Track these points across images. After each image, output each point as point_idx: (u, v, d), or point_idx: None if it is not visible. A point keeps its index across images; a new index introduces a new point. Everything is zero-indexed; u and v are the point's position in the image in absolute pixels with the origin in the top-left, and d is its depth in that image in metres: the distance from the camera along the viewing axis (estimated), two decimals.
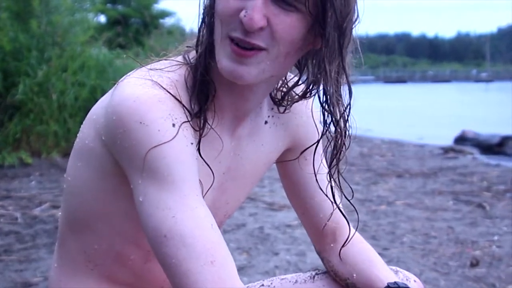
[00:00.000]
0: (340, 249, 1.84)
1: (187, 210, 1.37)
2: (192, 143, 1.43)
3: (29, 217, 6.10)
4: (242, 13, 1.39)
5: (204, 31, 1.51)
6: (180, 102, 1.45)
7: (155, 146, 1.37)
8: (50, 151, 9.49)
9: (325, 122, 1.58)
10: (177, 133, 1.39)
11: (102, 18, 23.69)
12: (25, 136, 9.50)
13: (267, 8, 1.40)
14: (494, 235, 5.76)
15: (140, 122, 1.38)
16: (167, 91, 1.44)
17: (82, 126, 1.60)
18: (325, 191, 1.74)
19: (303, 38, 1.46)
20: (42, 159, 9.33)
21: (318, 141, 1.71)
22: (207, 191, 1.55)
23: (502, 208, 6.91)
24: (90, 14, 14.36)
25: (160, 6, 25.41)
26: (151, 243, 1.40)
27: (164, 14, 25.25)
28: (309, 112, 1.81)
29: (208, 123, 1.54)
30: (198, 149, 1.49)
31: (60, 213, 1.72)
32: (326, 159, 1.66)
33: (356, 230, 1.87)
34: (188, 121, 1.45)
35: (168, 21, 24.92)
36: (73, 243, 1.67)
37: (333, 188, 1.73)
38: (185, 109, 1.46)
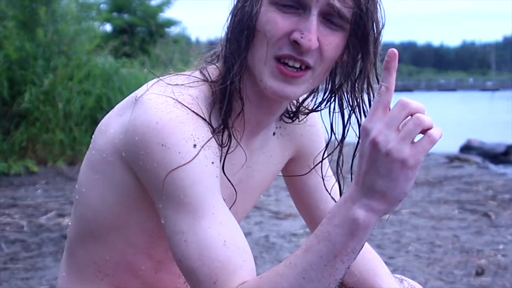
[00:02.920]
0: None
1: (199, 232, 1.38)
2: (213, 162, 1.43)
3: (35, 226, 6.11)
4: (297, 35, 1.42)
5: (233, 47, 1.50)
6: (204, 119, 1.46)
7: (174, 169, 1.38)
8: (56, 159, 9.51)
9: (332, 130, 1.63)
10: (198, 153, 1.40)
11: (108, 27, 23.71)
12: (31, 144, 9.51)
13: (318, 29, 1.44)
14: (500, 244, 5.75)
15: (162, 145, 1.39)
16: (190, 109, 1.44)
17: (94, 137, 1.60)
18: (330, 199, 1.77)
19: (339, 55, 1.52)
20: (48, 168, 9.34)
21: (324, 151, 1.73)
22: (230, 207, 1.55)
23: (508, 217, 6.89)
24: (96, 23, 14.41)
25: (166, 15, 25.37)
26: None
27: (170, 23, 25.24)
28: (314, 122, 1.83)
29: (236, 139, 1.55)
30: (223, 166, 1.50)
31: (70, 223, 1.72)
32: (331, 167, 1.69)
33: None
34: (213, 137, 1.45)
35: (173, 30, 24.92)
36: (83, 253, 1.67)
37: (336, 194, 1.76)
38: (209, 126, 1.46)
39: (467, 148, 14.70)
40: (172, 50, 15.90)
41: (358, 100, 1.57)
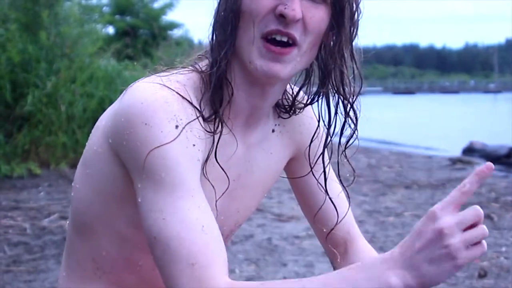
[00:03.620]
0: (344, 259, 1.86)
1: (178, 212, 1.38)
2: (194, 145, 1.44)
3: (38, 228, 6.12)
4: (281, 7, 1.45)
5: (219, 35, 1.52)
6: (190, 102, 1.48)
7: (155, 148, 1.39)
8: (58, 162, 9.52)
9: (329, 124, 1.64)
10: (179, 134, 1.41)
11: (111, 30, 23.77)
12: (34, 147, 9.53)
13: (301, 2, 1.48)
14: (502, 246, 5.76)
15: (145, 124, 1.40)
16: (176, 91, 1.47)
17: (90, 135, 1.63)
18: (332, 200, 1.78)
19: (325, 30, 1.54)
20: (50, 170, 9.36)
21: (322, 153, 1.74)
22: (221, 196, 1.57)
23: (510, 219, 6.90)
24: (99, 25, 14.44)
25: (168, 17, 25.42)
26: (147, 244, 1.43)
27: (173, 25, 25.29)
28: (311, 119, 1.83)
29: (226, 126, 1.56)
30: (215, 153, 1.51)
31: (68, 222, 1.73)
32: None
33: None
34: (197, 119, 1.47)
35: (176, 33, 24.99)
36: (81, 250, 1.67)
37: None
38: (196, 111, 1.48)
39: (469, 150, 14.70)
40: (175, 52, 15.90)
41: (335, 72, 1.59)
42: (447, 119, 29.16)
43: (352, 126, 1.63)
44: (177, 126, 1.42)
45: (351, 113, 1.62)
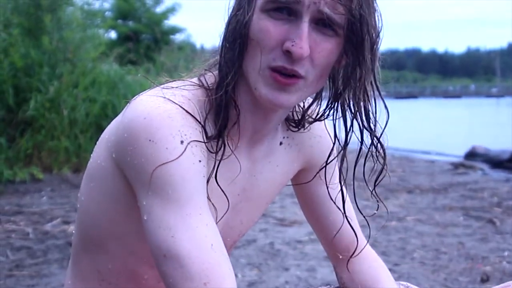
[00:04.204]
0: (347, 263, 1.86)
1: (188, 230, 1.37)
2: (200, 161, 1.42)
3: (41, 233, 6.12)
4: (289, 43, 1.41)
5: (227, 55, 1.49)
6: (193, 117, 1.45)
7: (161, 164, 1.37)
8: (61, 166, 9.52)
9: (340, 139, 1.62)
10: (185, 150, 1.39)
11: (113, 34, 23.80)
12: (37, 151, 9.53)
13: (310, 36, 1.43)
14: (505, 251, 5.75)
15: (150, 140, 1.38)
16: (180, 106, 1.44)
17: (95, 147, 1.61)
18: (338, 209, 1.78)
19: (336, 60, 1.51)
20: (53, 175, 9.36)
21: (327, 161, 1.74)
22: (223, 215, 1.56)
23: None
24: (101, 30, 14.46)
25: (170, 22, 25.48)
26: (154, 261, 1.41)
27: (175, 30, 25.33)
28: (322, 132, 1.82)
29: (230, 147, 1.55)
30: (216, 174, 1.49)
31: (74, 232, 1.73)
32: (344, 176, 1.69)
33: (367, 242, 1.89)
34: (202, 141, 1.45)
35: (178, 37, 25.03)
36: (86, 262, 1.67)
37: (345, 205, 1.77)
38: (199, 125, 1.46)
39: (472, 154, 14.67)
40: (177, 57, 15.93)
41: (359, 106, 1.55)
42: (449, 124, 29.11)
43: (381, 160, 1.61)
44: (182, 142, 1.40)
45: (379, 147, 1.60)
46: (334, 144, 1.66)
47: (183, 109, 1.44)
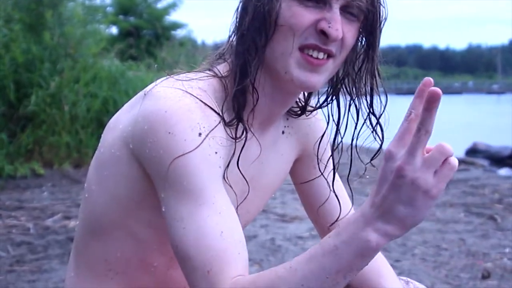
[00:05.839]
0: None
1: (198, 220, 1.39)
2: (216, 152, 1.45)
3: (41, 228, 6.12)
4: (325, 24, 1.48)
5: (248, 43, 1.53)
6: (212, 109, 1.49)
7: (179, 156, 1.40)
8: (62, 162, 9.51)
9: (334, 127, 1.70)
10: (202, 142, 1.42)
11: (114, 30, 23.78)
12: (38, 147, 9.52)
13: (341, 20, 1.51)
14: (506, 247, 5.75)
15: (169, 132, 1.41)
16: (198, 99, 1.47)
17: (103, 136, 1.63)
18: (335, 200, 1.79)
19: None
20: (54, 170, 9.35)
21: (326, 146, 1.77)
22: (242, 201, 1.60)
23: None
24: (102, 25, 14.44)
25: (172, 18, 25.46)
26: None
27: (176, 25, 25.32)
28: (315, 119, 1.85)
29: (251, 132, 1.58)
30: (238, 160, 1.53)
31: (78, 223, 1.73)
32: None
33: None
34: (218, 126, 1.48)
35: (179, 33, 25.03)
36: (93, 251, 1.68)
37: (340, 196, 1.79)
38: (217, 116, 1.49)
39: (473, 151, 14.69)
40: (178, 53, 15.93)
41: (365, 89, 1.64)
42: (450, 120, 29.09)
43: (380, 138, 1.67)
44: (200, 134, 1.43)
45: (378, 129, 1.66)
46: (336, 134, 1.71)
47: (202, 101, 1.48)
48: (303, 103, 1.78)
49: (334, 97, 1.69)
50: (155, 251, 1.64)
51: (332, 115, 1.70)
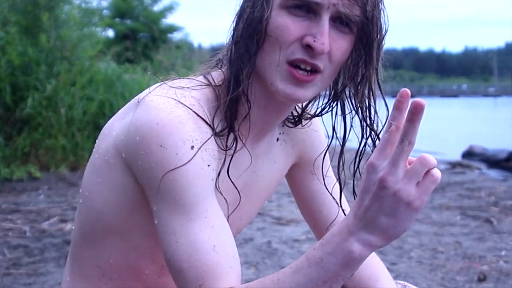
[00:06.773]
0: None
1: (190, 234, 1.39)
2: (209, 165, 1.44)
3: (38, 231, 6.11)
4: (310, 39, 1.44)
5: (241, 51, 1.51)
6: (204, 121, 1.47)
7: (170, 170, 1.39)
8: (58, 165, 9.52)
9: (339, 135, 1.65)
10: (194, 155, 1.41)
11: (111, 33, 23.78)
12: (34, 150, 9.52)
13: (329, 33, 1.46)
14: (502, 250, 5.76)
15: (161, 146, 1.40)
16: (191, 109, 1.46)
17: (98, 141, 1.61)
18: (332, 204, 1.79)
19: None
20: (50, 173, 9.35)
21: (324, 155, 1.76)
22: (233, 211, 1.59)
23: (510, 223, 6.89)
24: (99, 28, 14.42)
25: (168, 21, 25.45)
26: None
27: (172, 28, 25.30)
28: (315, 127, 1.85)
29: (242, 142, 1.57)
30: (228, 169, 1.52)
31: (73, 228, 1.73)
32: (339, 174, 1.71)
33: None
34: (211, 138, 1.46)
35: (176, 36, 25.00)
36: (87, 257, 1.67)
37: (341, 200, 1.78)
38: (209, 128, 1.48)
39: (469, 154, 14.69)
40: (175, 56, 15.95)
41: (361, 104, 1.58)
42: (446, 123, 29.12)
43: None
44: (192, 147, 1.42)
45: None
46: (330, 141, 1.69)
47: (195, 112, 1.46)
48: (300, 111, 1.76)
49: (331, 109, 1.66)
50: (147, 259, 1.63)
51: (333, 128, 1.66)
